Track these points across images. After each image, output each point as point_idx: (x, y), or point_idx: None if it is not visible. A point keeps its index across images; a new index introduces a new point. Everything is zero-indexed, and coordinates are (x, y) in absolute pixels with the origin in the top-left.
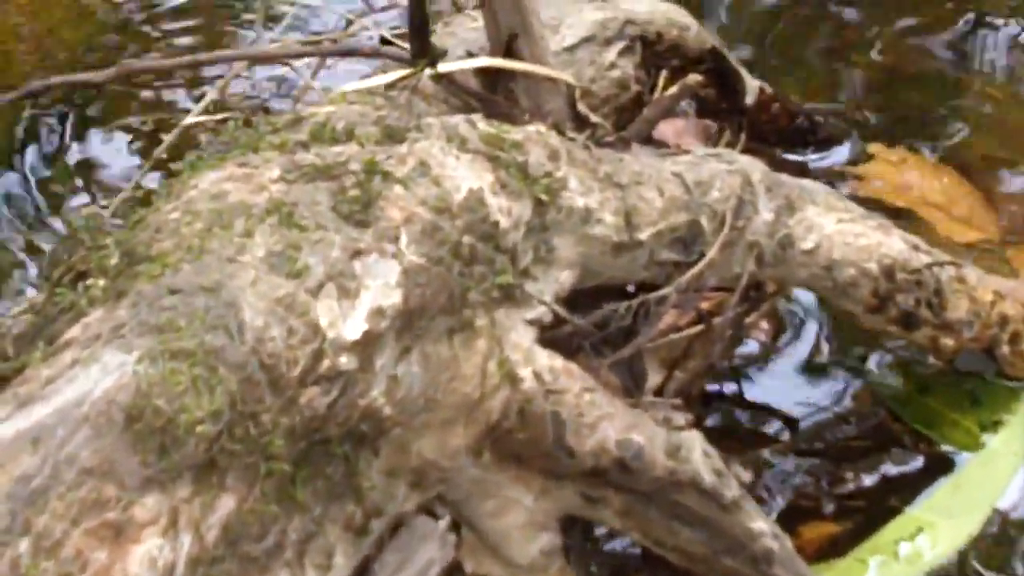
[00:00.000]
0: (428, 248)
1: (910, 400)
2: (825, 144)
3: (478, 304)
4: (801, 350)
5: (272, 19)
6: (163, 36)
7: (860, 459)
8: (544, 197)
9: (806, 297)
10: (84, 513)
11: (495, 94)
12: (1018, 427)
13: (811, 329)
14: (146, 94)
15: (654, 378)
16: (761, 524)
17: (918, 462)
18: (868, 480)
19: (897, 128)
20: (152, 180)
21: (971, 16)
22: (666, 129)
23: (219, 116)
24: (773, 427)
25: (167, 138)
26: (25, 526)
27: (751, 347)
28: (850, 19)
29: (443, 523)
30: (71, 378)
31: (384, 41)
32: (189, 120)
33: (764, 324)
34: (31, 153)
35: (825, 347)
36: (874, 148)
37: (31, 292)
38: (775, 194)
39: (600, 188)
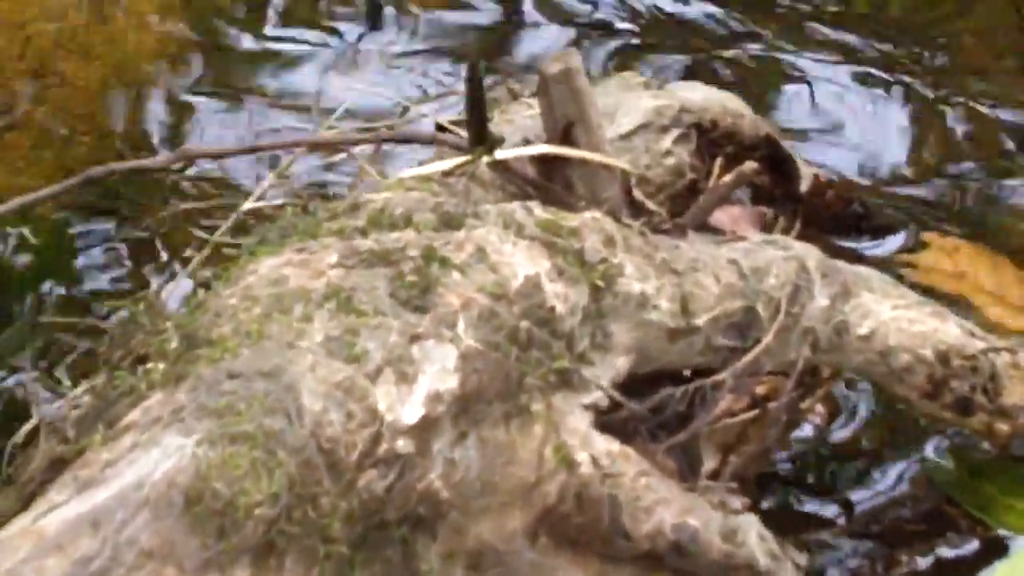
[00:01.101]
0: (485, 333)
1: (965, 484)
2: (879, 232)
3: (535, 389)
4: (856, 434)
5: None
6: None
7: (915, 542)
8: (600, 283)
9: (861, 382)
10: None
11: (552, 181)
12: None
13: (866, 413)
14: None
15: (709, 462)
16: None
17: (973, 546)
18: (923, 563)
19: (952, 215)
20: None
21: None
22: (721, 216)
23: (277, 202)
24: (829, 511)
25: (224, 223)
26: None
27: (806, 431)
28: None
29: None
30: (131, 461)
31: (441, 128)
32: (247, 205)
33: (819, 408)
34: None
35: (880, 431)
36: (928, 236)
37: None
38: (830, 280)
39: (656, 274)
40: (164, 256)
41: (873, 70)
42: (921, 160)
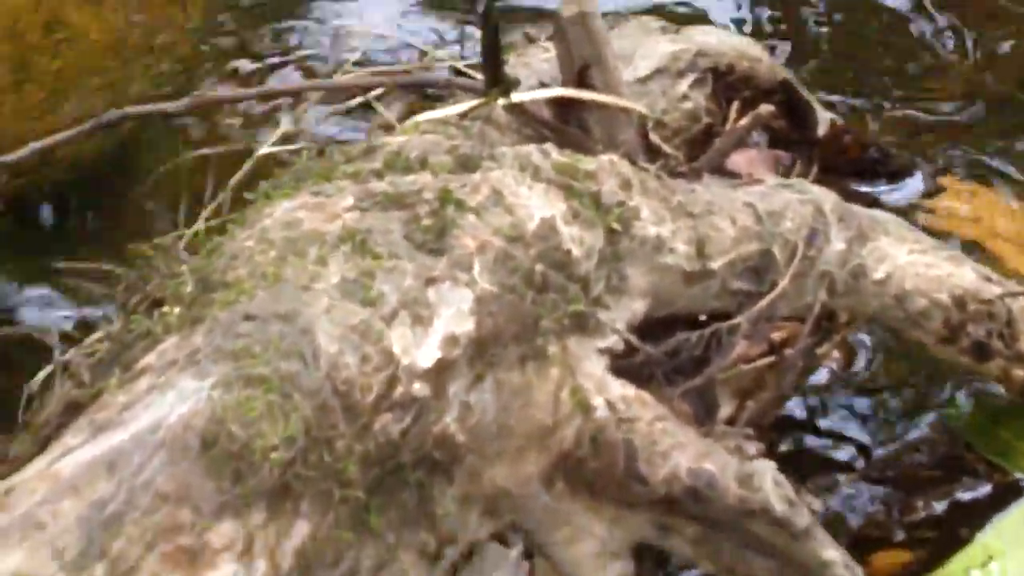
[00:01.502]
0: (501, 276)
1: (981, 429)
2: (896, 176)
3: (551, 332)
4: (872, 379)
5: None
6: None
7: (931, 488)
8: (616, 226)
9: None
10: (159, 538)
11: (568, 124)
12: None
13: (883, 358)
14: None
15: (726, 408)
16: (832, 553)
17: (989, 490)
18: (939, 508)
19: (969, 159)
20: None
21: None
22: (738, 160)
23: (292, 147)
24: (845, 455)
25: (242, 168)
26: (101, 551)
27: (823, 376)
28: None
29: (516, 551)
30: (147, 404)
31: (457, 72)
32: (263, 150)
33: (836, 353)
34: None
35: (896, 377)
36: (945, 180)
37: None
38: (847, 224)
39: (672, 218)
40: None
41: None
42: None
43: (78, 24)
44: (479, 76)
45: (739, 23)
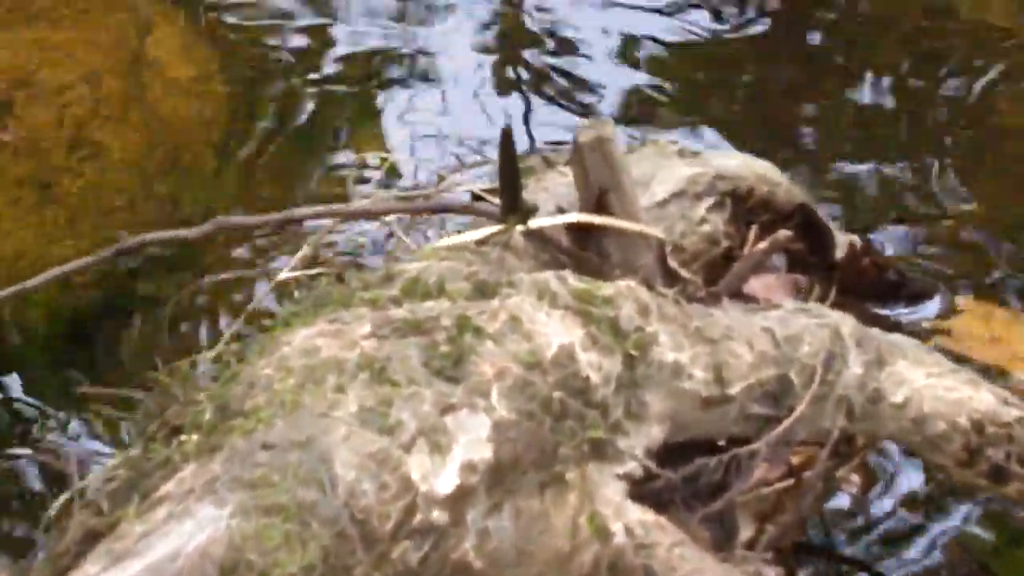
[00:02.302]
0: (519, 403)
1: (1001, 552)
2: (915, 298)
3: (569, 459)
4: (892, 502)
5: (364, 168)
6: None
7: None
8: (635, 352)
9: (896, 449)
10: None
11: (586, 249)
12: None
13: (901, 481)
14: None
15: (745, 532)
16: None
17: None
18: None
19: (987, 282)
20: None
21: None
22: (756, 284)
23: (312, 271)
24: None
25: (261, 293)
26: None
27: (842, 499)
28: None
29: None
30: (165, 533)
31: (475, 197)
32: (282, 275)
33: (855, 476)
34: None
35: (915, 499)
36: (963, 302)
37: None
38: (865, 348)
39: (691, 343)
40: (200, 326)
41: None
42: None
43: (102, 142)
44: (497, 201)
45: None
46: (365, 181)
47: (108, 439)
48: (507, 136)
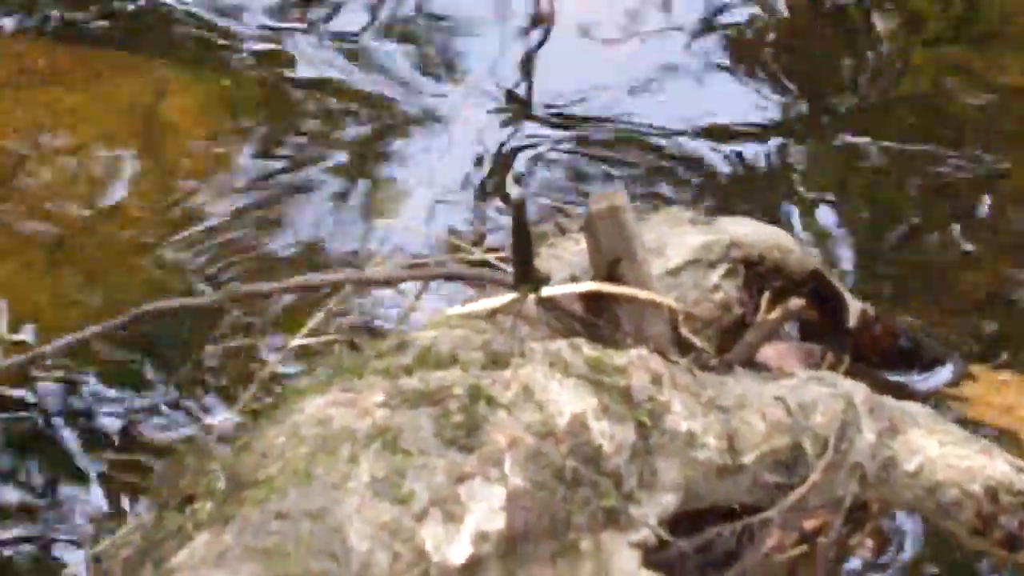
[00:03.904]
0: (532, 472)
1: None
2: (927, 365)
3: (583, 527)
4: (906, 568)
5: (378, 233)
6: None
7: None
8: (647, 421)
9: (909, 516)
10: None
11: (598, 318)
12: None
13: (915, 547)
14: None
15: None
16: None
17: None
18: None
19: (999, 348)
20: None
21: None
22: (769, 352)
23: (325, 338)
24: None
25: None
26: None
27: (855, 565)
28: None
29: None
30: None
31: (487, 264)
32: (295, 342)
33: (868, 542)
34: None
35: (928, 565)
36: (976, 369)
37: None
38: (878, 416)
39: (703, 412)
40: (212, 393)
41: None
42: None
43: (116, 203)
44: (510, 269)
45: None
46: (379, 246)
47: (122, 505)
48: (520, 205)
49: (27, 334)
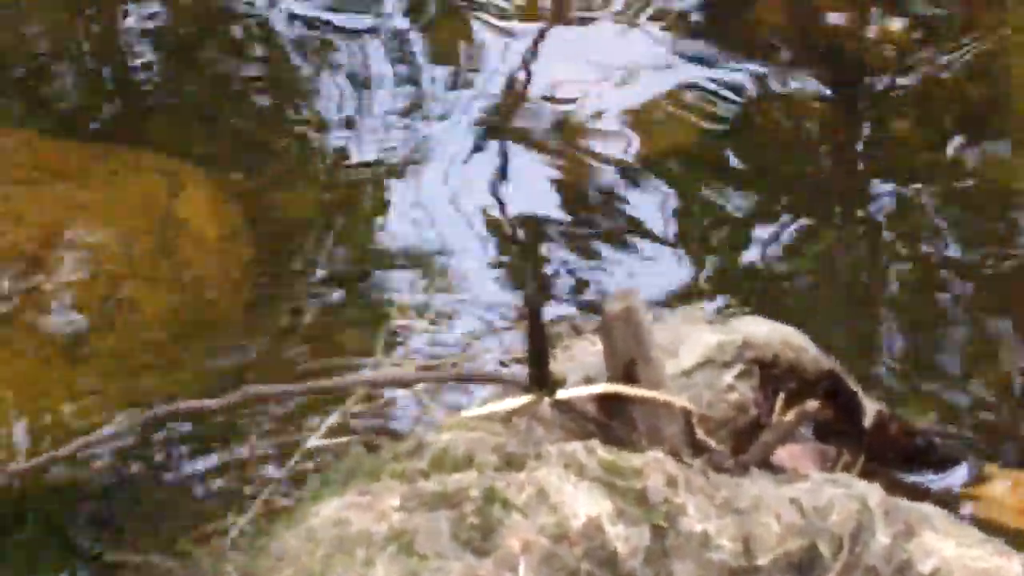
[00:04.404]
0: (547, 575)
1: None
2: (943, 464)
3: None
4: None
5: (392, 334)
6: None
7: None
8: (663, 523)
9: None
10: None
11: (613, 419)
12: None
13: None
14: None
15: None
16: None
17: None
18: None
19: (1013, 449)
20: None
21: None
22: (783, 453)
23: (341, 439)
24: None
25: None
26: None
27: None
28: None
29: None
30: None
31: (501, 365)
32: (311, 443)
33: None
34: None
35: None
36: (991, 469)
37: None
38: (893, 518)
39: (718, 514)
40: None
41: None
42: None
43: (132, 300)
44: (525, 370)
45: None
46: (393, 347)
47: None
48: (534, 308)
49: (43, 433)
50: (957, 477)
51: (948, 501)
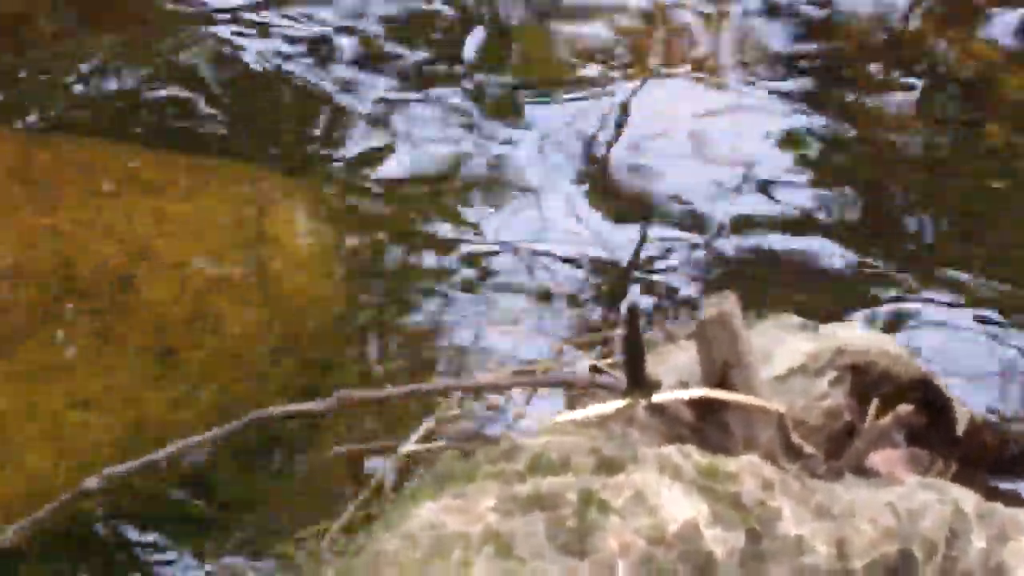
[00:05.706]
0: None
1: None
2: None
3: None
4: None
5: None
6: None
7: None
8: (758, 527)
9: None
10: None
11: (707, 423)
12: None
13: None
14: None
15: None
16: None
17: None
18: None
19: None
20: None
21: None
22: (877, 458)
23: (435, 444)
24: None
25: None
26: None
27: None
28: None
29: None
30: None
31: (596, 369)
32: (406, 448)
33: None
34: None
35: None
36: None
37: None
38: (988, 523)
39: (813, 518)
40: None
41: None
42: None
43: (221, 316)
44: (618, 374)
45: None
46: (486, 354)
47: None
48: (634, 313)
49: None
50: None
51: None
